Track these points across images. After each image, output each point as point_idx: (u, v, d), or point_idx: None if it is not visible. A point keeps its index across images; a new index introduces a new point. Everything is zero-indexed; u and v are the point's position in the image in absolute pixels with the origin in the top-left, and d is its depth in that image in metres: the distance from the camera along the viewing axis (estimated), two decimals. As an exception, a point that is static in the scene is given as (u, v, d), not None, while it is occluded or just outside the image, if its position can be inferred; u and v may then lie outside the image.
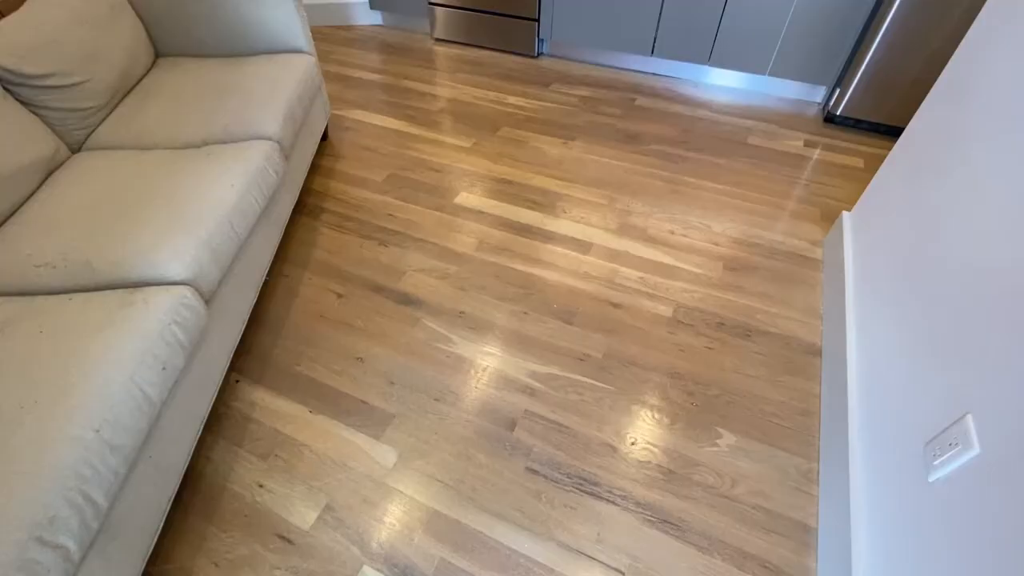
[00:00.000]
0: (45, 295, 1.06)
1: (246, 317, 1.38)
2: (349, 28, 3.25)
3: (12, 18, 1.43)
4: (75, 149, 1.52)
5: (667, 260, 1.70)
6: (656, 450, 1.22)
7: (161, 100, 1.64)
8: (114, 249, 1.11)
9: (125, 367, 0.91)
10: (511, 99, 2.57)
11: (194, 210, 1.21)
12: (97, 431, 0.83)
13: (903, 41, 2.01)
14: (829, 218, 1.87)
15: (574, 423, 1.27)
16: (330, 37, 3.14)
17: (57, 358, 0.90)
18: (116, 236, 1.13)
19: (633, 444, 1.23)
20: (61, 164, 1.43)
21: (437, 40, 3.10)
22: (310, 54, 1.96)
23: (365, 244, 1.77)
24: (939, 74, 2.00)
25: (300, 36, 1.92)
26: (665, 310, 1.54)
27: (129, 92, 1.70)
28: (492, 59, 2.92)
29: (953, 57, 1.25)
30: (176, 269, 1.09)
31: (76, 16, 1.53)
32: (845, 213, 1.66)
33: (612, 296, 1.58)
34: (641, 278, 1.64)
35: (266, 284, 1.63)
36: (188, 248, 1.12)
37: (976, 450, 0.73)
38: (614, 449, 1.22)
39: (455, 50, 3.01)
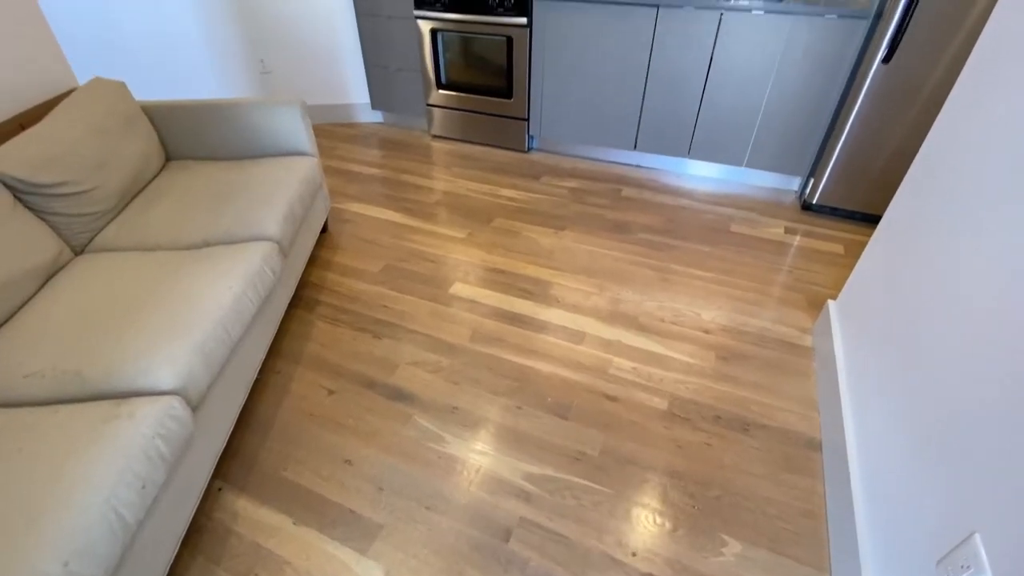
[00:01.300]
0: (31, 407, 1.04)
1: (234, 420, 1.35)
2: (352, 125, 3.47)
3: (33, 130, 1.52)
4: (78, 251, 1.56)
5: (660, 350, 1.71)
6: (659, 560, 1.16)
7: (167, 202, 1.71)
8: (105, 357, 1.11)
9: (103, 489, 0.87)
10: (504, 191, 2.70)
11: (189, 315, 1.22)
12: (66, 564, 0.78)
13: (868, 136, 2.17)
14: (815, 305, 1.91)
15: (572, 532, 1.21)
16: (334, 134, 3.34)
17: (33, 482, 0.86)
18: (108, 343, 1.14)
19: (634, 555, 1.16)
20: (63, 267, 1.46)
21: (434, 136, 3.31)
22: (312, 155, 2.08)
23: (359, 337, 1.78)
24: (904, 165, 2.15)
25: (304, 140, 2.05)
26: (660, 403, 1.52)
27: (137, 194, 1.78)
28: (486, 154, 3.10)
29: (921, 150, 1.33)
30: (166, 378, 1.09)
31: (93, 128, 1.63)
32: (831, 302, 1.70)
33: (606, 388, 1.57)
34: (635, 368, 1.64)
35: (257, 381, 1.62)
36: (180, 355, 1.13)
37: (989, 575, 0.70)
38: (615, 561, 1.15)
39: (451, 145, 3.21)
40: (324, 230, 2.35)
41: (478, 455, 1.38)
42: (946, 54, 1.90)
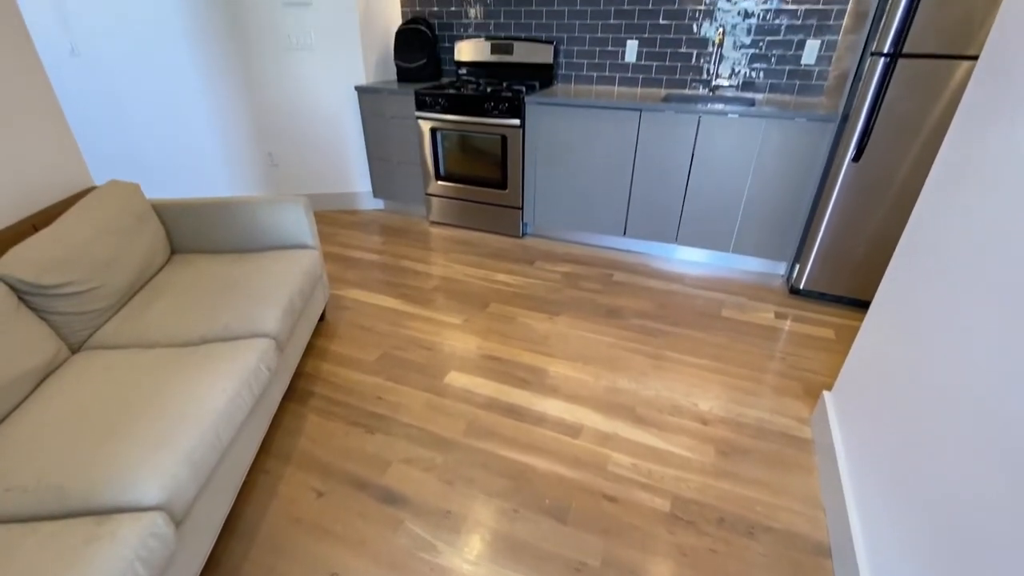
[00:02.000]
0: (10, 523, 1.00)
1: (219, 528, 1.29)
2: (354, 213, 3.61)
3: (44, 232, 1.58)
4: (75, 349, 1.57)
5: (658, 443, 1.68)
6: None
7: (168, 297, 1.74)
8: (91, 470, 1.08)
9: (74, 624, 0.82)
10: (499, 276, 2.76)
11: (180, 420, 1.21)
12: None
13: (846, 226, 2.27)
14: (811, 393, 1.91)
15: (572, 656, 1.13)
16: (336, 221, 3.47)
17: (0, 617, 0.82)
18: (95, 454, 1.12)
19: None
20: (59, 366, 1.46)
21: (433, 223, 3.44)
22: (314, 248, 2.15)
23: (351, 432, 1.75)
24: (884, 252, 2.24)
25: (307, 233, 2.13)
26: (662, 504, 1.48)
27: (141, 289, 1.82)
28: (482, 239, 3.21)
29: (900, 241, 1.39)
30: (151, 492, 1.06)
31: (104, 228, 1.70)
32: (826, 393, 1.70)
33: (606, 487, 1.53)
34: (634, 464, 1.60)
35: (244, 482, 1.56)
36: (167, 466, 1.10)
37: None
38: None
39: (449, 231, 3.33)
40: (322, 318, 2.38)
41: (472, 566, 1.31)
42: (911, 153, 2.05)
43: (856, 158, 2.12)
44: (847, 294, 2.42)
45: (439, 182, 3.24)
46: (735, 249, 2.72)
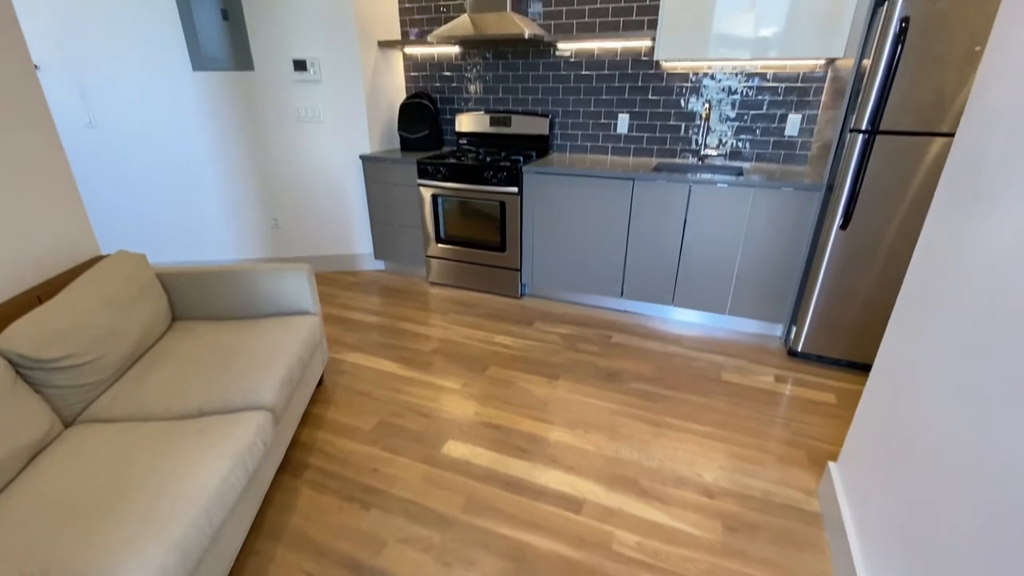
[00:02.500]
0: (-20, 622, 0.95)
1: (202, 620, 1.22)
2: (354, 274, 3.66)
3: (47, 305, 1.59)
4: (70, 422, 1.55)
5: (663, 519, 1.63)
6: None
7: (166, 367, 1.73)
8: (77, 557, 1.04)
9: None
10: (498, 338, 2.77)
11: (171, 503, 1.18)
12: None
13: (839, 291, 2.31)
14: (816, 462, 1.87)
15: None
16: (336, 282, 3.51)
17: None
18: (82, 540, 1.08)
19: None
20: (52, 441, 1.43)
21: (432, 284, 3.48)
22: (315, 314, 2.17)
23: (346, 507, 1.69)
24: (879, 316, 2.26)
25: (308, 300, 2.15)
26: (669, 587, 1.41)
27: (140, 358, 1.81)
28: (480, 300, 3.24)
29: (896, 307, 1.40)
30: (137, 584, 1.01)
31: (107, 300, 1.72)
32: (832, 464, 1.67)
33: (611, 570, 1.46)
34: (639, 543, 1.54)
35: (233, 566, 1.49)
36: (155, 555, 1.06)
37: None
38: None
39: (448, 292, 3.36)
40: (320, 382, 2.35)
41: (471, 660, 1.24)
42: (896, 220, 2.12)
43: (844, 226, 2.19)
44: (845, 357, 2.43)
45: (439, 244, 3.31)
46: (731, 311, 2.74)
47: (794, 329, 2.56)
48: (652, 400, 2.23)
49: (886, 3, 1.91)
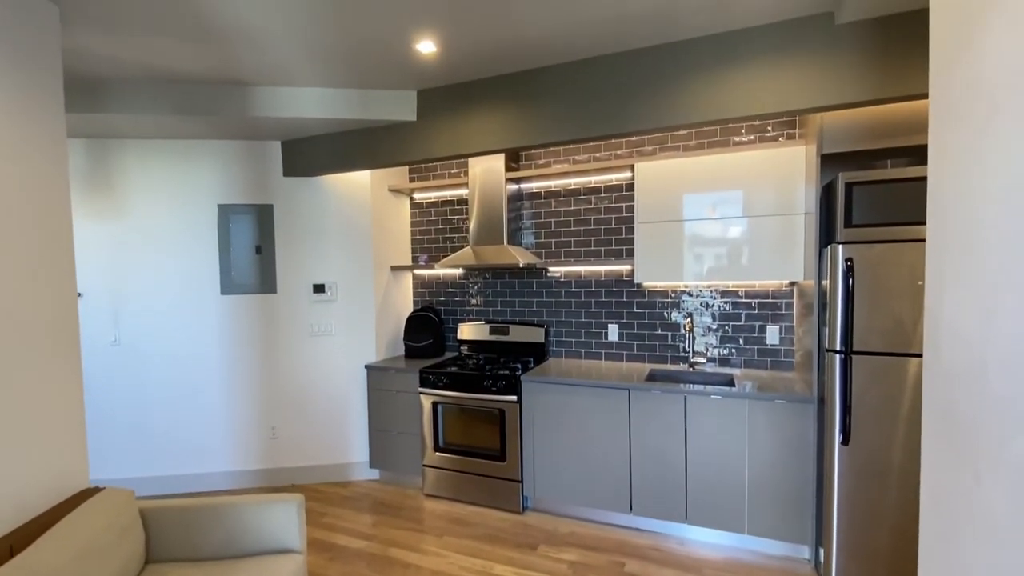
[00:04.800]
0: None
1: None
2: (346, 485, 3.48)
3: (16, 560, 1.48)
4: None
5: None
6: None
7: (125, 636, 1.54)
8: None
9: None
10: (498, 568, 2.50)
11: None
12: None
13: (858, 509, 2.17)
14: None
15: None
16: (326, 497, 3.32)
17: None
18: None
19: None
20: None
21: (428, 495, 3.29)
22: (299, 552, 2.00)
23: None
24: (909, 544, 2.08)
25: (295, 535, 2.01)
26: None
27: (95, 622, 1.62)
28: (479, 516, 3.02)
29: (919, 545, 1.30)
30: None
31: (78, 552, 1.57)
32: None
33: None
34: None
35: None
36: None
37: None
38: None
39: (444, 506, 3.15)
40: (293, 638, 2.05)
41: None
42: (897, 435, 2.11)
43: (844, 442, 2.17)
44: (887, 590, 2.17)
45: (437, 453, 3.23)
46: (750, 531, 2.54)
47: (822, 552, 2.33)
48: (677, 656, 1.92)
49: (829, 247, 2.22)
